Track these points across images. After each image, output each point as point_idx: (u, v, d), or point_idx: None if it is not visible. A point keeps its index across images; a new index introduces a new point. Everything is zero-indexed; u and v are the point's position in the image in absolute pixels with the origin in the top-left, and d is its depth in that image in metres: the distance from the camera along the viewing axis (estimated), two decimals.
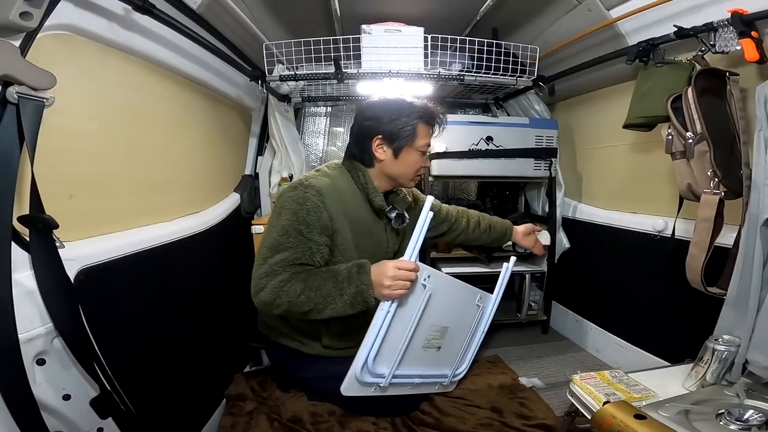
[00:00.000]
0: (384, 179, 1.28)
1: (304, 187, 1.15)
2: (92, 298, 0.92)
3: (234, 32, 1.58)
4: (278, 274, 1.10)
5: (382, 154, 1.23)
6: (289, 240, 1.12)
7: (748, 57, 1.12)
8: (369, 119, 1.23)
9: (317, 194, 1.14)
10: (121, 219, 1.10)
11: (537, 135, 2.00)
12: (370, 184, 1.24)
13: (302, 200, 1.13)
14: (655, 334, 1.68)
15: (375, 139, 1.22)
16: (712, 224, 1.15)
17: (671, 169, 1.30)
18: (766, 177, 0.99)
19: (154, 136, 1.26)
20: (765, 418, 0.92)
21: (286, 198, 1.16)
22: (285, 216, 1.13)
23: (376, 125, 1.22)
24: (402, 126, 1.21)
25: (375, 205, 1.26)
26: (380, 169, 1.26)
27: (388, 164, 1.24)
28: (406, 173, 1.26)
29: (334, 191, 1.18)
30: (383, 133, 1.21)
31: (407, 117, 1.21)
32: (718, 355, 1.09)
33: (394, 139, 1.21)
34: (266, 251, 1.13)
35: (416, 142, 1.22)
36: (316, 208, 1.13)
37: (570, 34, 1.70)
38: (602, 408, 1.00)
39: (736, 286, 1.10)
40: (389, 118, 1.21)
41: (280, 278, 1.09)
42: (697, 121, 1.15)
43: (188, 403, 1.32)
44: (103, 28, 0.99)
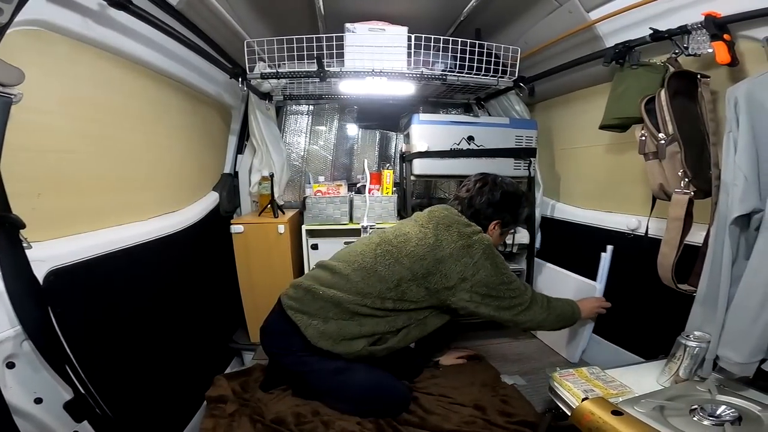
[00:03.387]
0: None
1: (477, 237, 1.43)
2: (63, 300, 0.90)
3: (215, 29, 1.56)
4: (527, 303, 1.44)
5: (493, 231, 1.51)
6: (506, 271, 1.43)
7: (719, 59, 1.15)
8: (503, 204, 1.50)
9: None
10: (93, 218, 1.07)
11: (517, 135, 2.03)
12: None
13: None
14: (630, 330, 1.72)
15: (496, 222, 1.51)
16: (682, 223, 1.18)
17: (645, 170, 1.34)
18: (735, 177, 1.01)
19: (129, 134, 1.23)
20: (737, 413, 0.94)
21: (485, 239, 1.41)
22: (496, 255, 1.42)
23: (504, 214, 1.51)
24: (515, 221, 1.57)
25: None
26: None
27: (490, 236, 1.49)
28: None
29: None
30: (503, 221, 1.52)
31: (521, 217, 1.59)
32: (690, 351, 1.12)
33: (504, 226, 1.53)
34: (500, 280, 1.39)
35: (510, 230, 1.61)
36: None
37: (550, 35, 1.72)
38: (581, 404, 1.01)
39: (706, 283, 1.12)
40: (515, 213, 1.54)
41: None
42: (669, 122, 1.18)
43: (168, 405, 1.30)
44: (77, 24, 0.96)
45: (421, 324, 1.40)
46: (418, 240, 1.37)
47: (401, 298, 1.33)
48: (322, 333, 1.30)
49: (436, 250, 1.35)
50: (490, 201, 1.47)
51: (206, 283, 1.69)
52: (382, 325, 1.33)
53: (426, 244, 1.36)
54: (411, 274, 1.33)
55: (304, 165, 2.50)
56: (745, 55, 1.18)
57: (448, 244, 1.36)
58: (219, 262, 1.83)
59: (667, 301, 1.37)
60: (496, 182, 1.51)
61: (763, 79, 0.99)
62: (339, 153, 2.59)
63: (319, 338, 1.30)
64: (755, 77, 1.02)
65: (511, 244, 2.06)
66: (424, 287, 1.34)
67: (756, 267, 0.99)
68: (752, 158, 0.99)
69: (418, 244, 1.36)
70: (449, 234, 1.38)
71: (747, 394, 1.04)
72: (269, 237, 1.87)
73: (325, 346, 1.29)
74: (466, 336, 2.15)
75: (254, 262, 1.89)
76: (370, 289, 1.32)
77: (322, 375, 1.31)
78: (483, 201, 1.47)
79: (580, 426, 0.99)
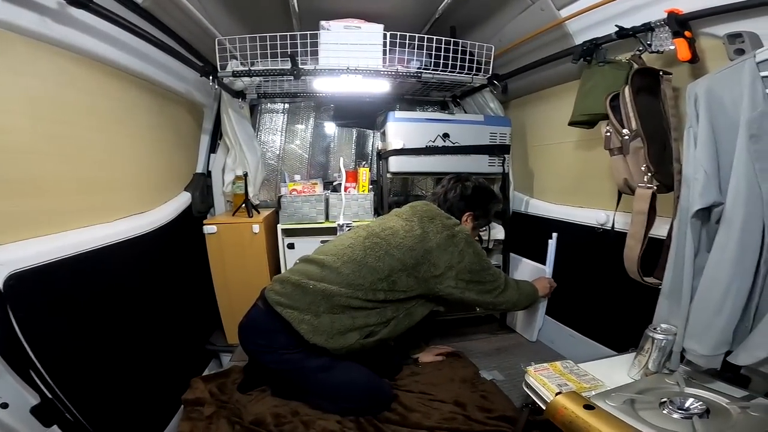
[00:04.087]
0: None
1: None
2: (25, 304, 0.88)
3: (184, 27, 1.52)
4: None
5: (467, 223, 1.62)
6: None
7: (680, 56, 1.17)
8: (475, 198, 1.63)
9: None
10: (57, 220, 1.03)
11: (491, 132, 2.05)
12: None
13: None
14: (602, 324, 1.76)
15: (469, 214, 1.63)
16: (646, 217, 1.21)
17: (610, 165, 1.36)
18: (696, 172, 1.04)
19: (93, 134, 1.20)
20: (705, 406, 0.96)
21: (464, 231, 1.52)
22: (474, 245, 1.53)
23: (477, 206, 1.64)
24: (487, 215, 1.71)
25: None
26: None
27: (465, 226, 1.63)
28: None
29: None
30: (476, 215, 1.65)
31: (491, 212, 1.72)
32: (657, 344, 1.14)
33: (477, 219, 1.65)
34: (479, 268, 1.51)
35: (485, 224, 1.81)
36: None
37: (523, 33, 1.74)
38: (555, 399, 1.03)
39: (670, 276, 1.15)
40: (487, 208, 1.69)
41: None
42: (632, 118, 1.21)
43: (144, 409, 1.27)
44: (35, 23, 0.94)
45: (409, 314, 1.45)
46: (405, 232, 1.45)
47: (392, 289, 1.38)
48: (316, 328, 1.31)
49: (424, 241, 1.44)
50: (463, 194, 1.60)
51: (180, 285, 1.66)
52: (373, 317, 1.38)
53: (414, 236, 1.44)
54: (401, 265, 1.39)
55: (280, 164, 2.47)
56: (706, 52, 1.22)
57: (434, 235, 1.46)
58: (193, 264, 1.80)
59: (636, 294, 1.39)
60: (468, 179, 1.65)
61: (722, 76, 1.02)
62: (315, 151, 2.56)
63: (313, 334, 1.31)
64: (715, 73, 1.04)
65: (487, 240, 2.09)
66: (413, 277, 1.41)
67: (717, 259, 1.02)
68: (712, 153, 1.02)
69: (406, 236, 1.44)
70: (434, 226, 1.48)
71: (714, 387, 1.06)
72: (244, 237, 1.84)
73: (319, 342, 1.31)
74: (443, 333, 2.17)
75: (229, 262, 1.86)
76: (362, 281, 1.36)
77: (304, 373, 1.32)
78: (456, 194, 1.60)
79: (555, 420, 1.00)
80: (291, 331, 1.31)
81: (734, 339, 1.03)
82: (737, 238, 0.97)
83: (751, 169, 0.94)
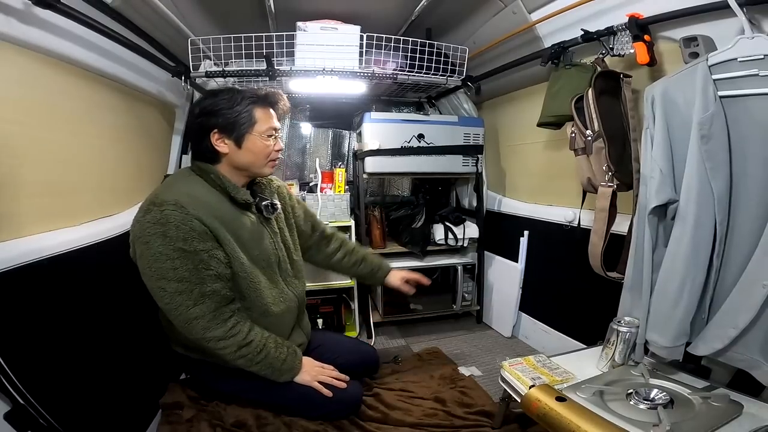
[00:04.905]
0: (236, 173, 1.21)
1: (157, 206, 1.07)
2: None
3: (155, 27, 1.49)
4: (217, 320, 1.11)
5: (224, 147, 1.16)
6: (175, 262, 1.06)
7: (639, 60, 1.22)
8: (201, 115, 1.16)
9: (175, 207, 1.07)
10: (14, 225, 1.00)
11: (465, 133, 2.09)
12: (226, 181, 1.18)
13: (164, 219, 1.05)
14: (572, 318, 1.81)
15: (213, 135, 1.15)
16: (607, 214, 1.26)
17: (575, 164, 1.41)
18: (652, 170, 1.09)
19: (56, 135, 1.16)
20: (669, 397, 1.01)
21: (144, 225, 1.07)
22: (155, 242, 1.05)
23: (210, 119, 1.15)
24: (237, 114, 1.15)
25: (239, 200, 1.20)
26: (228, 162, 1.19)
27: (234, 156, 1.18)
28: (256, 161, 1.20)
29: (191, 198, 1.11)
30: (219, 126, 1.15)
31: (239, 105, 1.16)
32: (622, 337, 1.18)
33: (232, 130, 1.15)
34: (158, 282, 1.07)
35: (256, 127, 1.17)
36: (182, 221, 1.06)
37: (496, 35, 1.78)
38: (528, 392, 1.06)
39: (632, 270, 1.20)
40: (222, 109, 1.15)
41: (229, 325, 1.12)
42: (595, 119, 1.25)
43: (120, 414, 1.25)
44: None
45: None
46: None
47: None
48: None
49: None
50: (198, 111, 1.19)
51: None
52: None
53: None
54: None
55: None
56: (664, 55, 1.27)
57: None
58: None
59: (602, 288, 1.44)
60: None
61: (677, 78, 1.07)
62: (291, 152, 2.55)
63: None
64: (670, 76, 1.09)
65: (462, 238, 2.12)
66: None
67: (673, 253, 1.07)
68: (667, 152, 1.07)
69: None
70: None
71: (677, 378, 1.11)
72: None
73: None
74: (421, 331, 2.20)
75: None
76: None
77: (256, 392, 1.26)
78: (192, 115, 1.25)
79: (529, 413, 1.04)
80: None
81: (693, 331, 1.08)
82: (691, 234, 1.02)
83: (703, 168, 0.99)
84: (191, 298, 1.07)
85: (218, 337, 1.10)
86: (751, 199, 0.98)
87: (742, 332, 0.96)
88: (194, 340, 1.12)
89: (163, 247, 1.05)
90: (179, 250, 1.06)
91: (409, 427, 1.28)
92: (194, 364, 1.30)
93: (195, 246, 1.07)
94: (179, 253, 1.06)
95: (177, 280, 1.06)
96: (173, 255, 1.06)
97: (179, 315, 1.08)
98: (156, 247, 1.05)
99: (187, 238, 1.06)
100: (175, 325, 1.11)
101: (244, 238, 1.19)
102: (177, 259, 1.06)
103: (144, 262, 1.08)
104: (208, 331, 1.09)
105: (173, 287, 1.07)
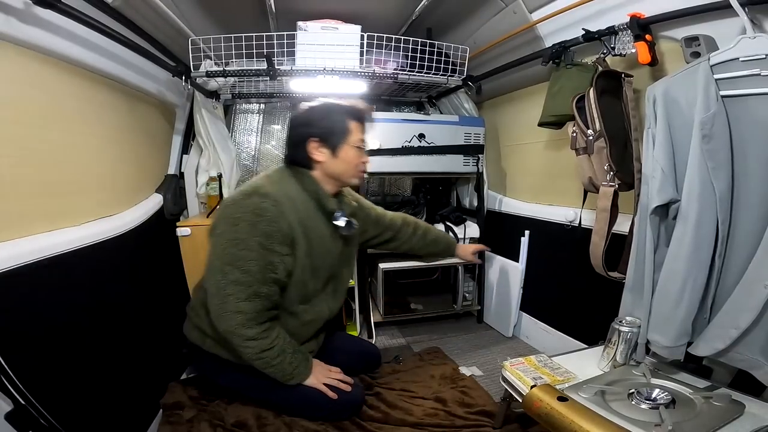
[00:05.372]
0: (328, 181, 1.28)
1: (260, 196, 1.13)
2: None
3: (156, 27, 1.50)
4: (257, 320, 1.13)
5: (320, 155, 1.23)
6: (250, 254, 1.10)
7: (640, 59, 1.22)
8: (301, 125, 1.25)
9: (275, 204, 1.13)
10: (15, 225, 0.99)
11: (466, 132, 2.09)
12: (320, 188, 1.25)
13: (260, 211, 1.11)
14: (573, 318, 1.81)
15: (311, 142, 1.22)
16: (609, 214, 1.26)
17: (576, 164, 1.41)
18: (654, 170, 1.09)
19: (57, 135, 1.16)
20: (670, 396, 1.01)
21: (241, 207, 1.13)
22: (243, 227, 1.11)
23: (309, 129, 1.23)
24: (333, 124, 1.23)
25: (328, 208, 1.27)
26: (322, 170, 1.26)
27: (329, 164, 1.24)
28: (348, 170, 1.27)
29: (288, 200, 1.17)
30: (317, 135, 1.22)
31: (337, 116, 1.24)
32: (623, 336, 1.18)
33: (328, 139, 1.23)
34: (224, 265, 1.11)
35: (350, 138, 1.24)
36: (275, 219, 1.12)
37: (497, 35, 1.78)
38: (530, 392, 1.06)
39: (633, 270, 1.20)
40: (320, 119, 1.23)
41: (262, 328, 1.14)
42: (596, 119, 1.25)
43: (121, 414, 1.25)
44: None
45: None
46: None
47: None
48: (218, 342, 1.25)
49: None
50: (297, 121, 1.28)
51: (153, 289, 1.62)
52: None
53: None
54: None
55: (256, 164, 2.44)
56: (665, 55, 1.27)
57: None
58: (166, 267, 1.76)
59: (604, 288, 1.44)
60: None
61: (678, 78, 1.07)
62: None
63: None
64: (671, 76, 1.09)
65: (463, 238, 2.12)
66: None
67: (674, 253, 1.07)
68: (668, 152, 1.07)
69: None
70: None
71: (679, 377, 1.11)
72: None
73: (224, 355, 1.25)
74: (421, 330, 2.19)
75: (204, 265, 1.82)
76: None
77: (260, 391, 1.27)
78: (291, 125, 1.31)
79: (531, 413, 1.04)
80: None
81: (694, 330, 1.08)
82: (692, 234, 1.02)
83: (704, 168, 0.99)
84: (246, 292, 1.10)
85: (249, 337, 1.12)
86: (752, 199, 0.98)
87: (744, 332, 0.96)
88: (222, 330, 1.14)
89: (248, 235, 1.10)
90: (260, 244, 1.10)
91: (409, 427, 1.28)
92: (203, 355, 1.31)
93: (274, 246, 1.13)
94: (259, 247, 1.10)
95: (242, 271, 1.10)
96: (252, 246, 1.10)
97: (225, 303, 1.11)
98: (241, 232, 1.10)
99: (272, 236, 1.12)
100: (213, 310, 1.14)
101: (316, 247, 1.24)
102: (253, 252, 1.10)
103: (221, 241, 1.13)
104: (243, 327, 1.11)
105: (235, 276, 1.10)
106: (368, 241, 1.64)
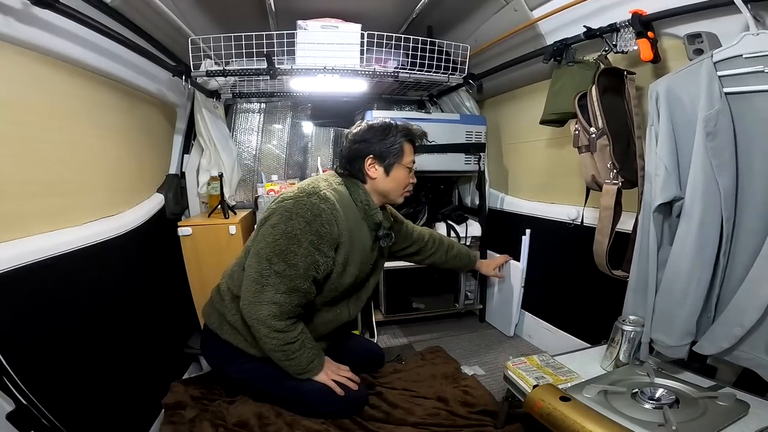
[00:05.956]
0: (377, 196, 1.34)
1: (320, 198, 1.18)
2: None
3: (156, 26, 1.49)
4: (289, 314, 1.17)
5: (374, 172, 1.30)
6: (300, 249, 1.14)
7: (643, 57, 1.21)
8: (359, 141, 1.30)
9: (332, 208, 1.19)
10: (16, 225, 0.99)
11: (467, 131, 2.08)
12: (371, 201, 1.31)
13: (318, 211, 1.16)
14: (575, 317, 1.80)
15: (367, 159, 1.29)
16: (612, 212, 1.26)
17: (579, 162, 1.40)
18: (657, 168, 1.08)
19: (57, 135, 1.16)
20: (674, 396, 1.00)
21: (300, 204, 1.17)
22: (298, 224, 1.15)
23: (367, 146, 1.29)
24: (390, 145, 1.29)
25: (375, 221, 1.32)
26: (373, 186, 1.32)
27: (380, 182, 1.31)
28: (396, 189, 1.33)
29: (342, 207, 1.23)
30: (374, 153, 1.28)
31: (394, 136, 1.30)
32: (627, 336, 1.18)
33: (384, 158, 1.29)
34: (272, 255, 1.14)
35: (404, 159, 1.31)
36: (329, 221, 1.17)
37: (498, 33, 1.77)
38: (532, 391, 1.06)
39: (636, 269, 1.19)
40: (378, 138, 1.29)
41: (290, 321, 1.18)
42: (599, 117, 1.24)
43: (123, 414, 1.25)
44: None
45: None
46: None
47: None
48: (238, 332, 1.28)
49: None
50: (356, 138, 1.32)
51: (155, 288, 1.62)
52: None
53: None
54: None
55: (257, 164, 2.43)
56: (667, 52, 1.26)
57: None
58: (168, 266, 1.76)
59: (607, 286, 1.43)
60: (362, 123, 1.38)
61: (681, 75, 1.06)
62: (293, 151, 2.54)
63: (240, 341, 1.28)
64: (675, 73, 1.08)
65: (464, 237, 2.11)
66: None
67: (679, 252, 1.06)
68: (672, 150, 1.06)
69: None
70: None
71: (683, 377, 1.11)
72: (220, 238, 1.81)
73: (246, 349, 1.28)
74: (422, 329, 2.19)
75: (206, 264, 1.82)
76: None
77: (269, 382, 1.29)
78: (350, 140, 1.34)
79: (533, 412, 1.03)
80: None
81: (698, 329, 1.07)
82: (696, 232, 1.01)
83: (708, 165, 0.98)
84: (286, 285, 1.14)
85: (276, 328, 1.15)
86: (757, 196, 0.97)
87: (749, 331, 0.95)
88: (251, 318, 1.16)
89: (301, 231, 1.15)
90: (311, 243, 1.15)
91: (411, 426, 1.28)
92: (216, 341, 1.32)
93: (323, 248, 1.17)
94: (309, 245, 1.15)
95: (288, 264, 1.14)
96: (303, 243, 1.14)
97: (262, 292, 1.14)
98: (295, 227, 1.15)
99: (324, 236, 1.16)
100: (247, 296, 1.16)
101: (356, 255, 1.29)
102: (303, 248, 1.14)
103: (274, 232, 1.16)
104: (274, 318, 1.14)
105: (280, 267, 1.14)
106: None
